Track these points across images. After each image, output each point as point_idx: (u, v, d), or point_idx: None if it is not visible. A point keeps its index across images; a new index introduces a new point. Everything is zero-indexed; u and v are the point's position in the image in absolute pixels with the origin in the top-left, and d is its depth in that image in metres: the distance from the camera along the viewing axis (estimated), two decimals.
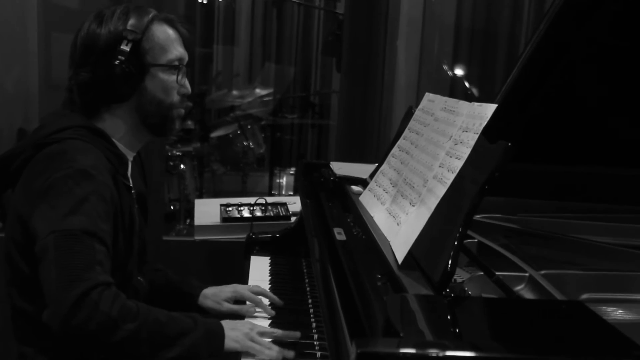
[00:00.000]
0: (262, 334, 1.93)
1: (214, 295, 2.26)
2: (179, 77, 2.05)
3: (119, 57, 1.95)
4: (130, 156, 2.09)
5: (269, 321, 2.11)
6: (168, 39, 2.04)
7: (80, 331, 1.70)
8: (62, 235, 1.75)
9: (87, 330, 1.70)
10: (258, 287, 2.28)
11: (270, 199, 3.32)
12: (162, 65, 2.02)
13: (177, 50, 2.05)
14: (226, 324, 1.92)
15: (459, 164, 1.71)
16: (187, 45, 2.10)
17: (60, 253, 1.73)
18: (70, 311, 1.68)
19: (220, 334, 1.88)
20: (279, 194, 6.33)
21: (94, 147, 1.93)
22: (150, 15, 2.03)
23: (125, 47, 1.95)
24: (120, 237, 1.94)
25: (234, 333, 1.89)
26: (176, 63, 2.05)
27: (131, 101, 2.02)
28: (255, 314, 2.15)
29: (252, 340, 1.89)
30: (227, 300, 2.24)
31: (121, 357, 1.89)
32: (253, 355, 1.88)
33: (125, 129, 2.05)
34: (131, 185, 2.06)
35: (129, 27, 1.97)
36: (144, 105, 2.02)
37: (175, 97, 2.06)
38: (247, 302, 2.22)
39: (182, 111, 2.10)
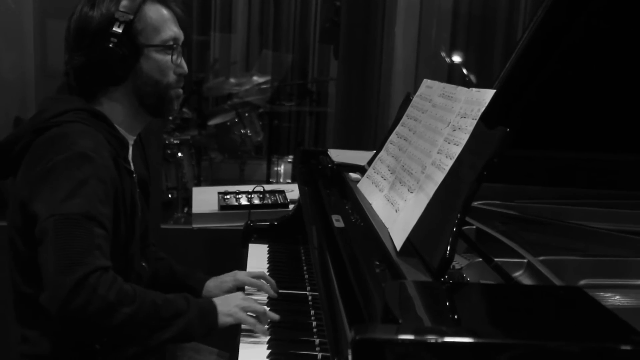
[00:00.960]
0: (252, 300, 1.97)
1: (216, 287, 2.25)
2: (174, 57, 2.03)
3: (112, 39, 1.94)
4: (130, 140, 2.08)
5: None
6: (161, 19, 2.02)
7: (78, 315, 1.71)
8: (61, 219, 1.75)
9: (85, 314, 1.71)
10: (257, 271, 2.28)
11: (268, 187, 3.32)
12: (156, 46, 2.00)
13: (171, 30, 2.03)
14: (218, 300, 1.94)
15: (457, 150, 1.71)
16: (182, 24, 2.08)
17: (60, 237, 1.74)
18: (69, 295, 1.69)
19: (213, 311, 1.90)
20: (277, 182, 6.34)
21: (94, 130, 1.92)
22: None
23: (118, 29, 1.94)
24: (121, 221, 1.94)
25: (226, 308, 1.91)
26: (171, 43, 2.02)
27: (127, 83, 2.00)
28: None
29: (245, 309, 1.92)
30: (230, 292, 2.22)
31: (119, 339, 1.91)
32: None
33: (124, 113, 2.04)
34: (133, 169, 2.06)
35: (120, 9, 1.95)
36: (141, 86, 2.01)
37: (172, 77, 2.04)
38: (246, 289, 2.22)
39: (180, 91, 2.09)
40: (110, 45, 1.93)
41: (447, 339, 1.19)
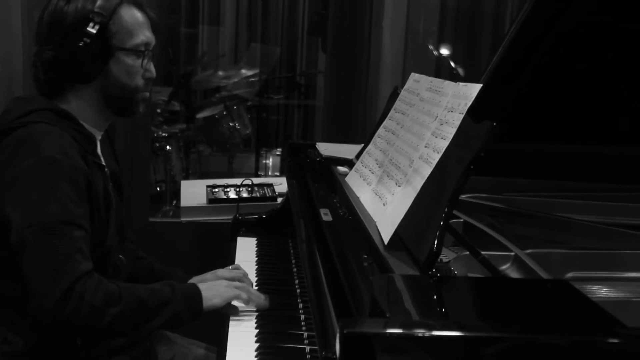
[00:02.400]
0: (237, 285, 2.01)
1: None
2: (144, 62, 2.02)
3: (84, 39, 1.92)
4: (97, 135, 2.06)
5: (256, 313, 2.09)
6: (136, 23, 2.00)
7: (67, 323, 1.74)
8: (39, 229, 1.76)
9: (75, 322, 1.74)
10: (237, 266, 2.25)
11: (256, 180, 3.32)
12: (128, 50, 1.99)
13: (144, 35, 2.02)
14: (202, 285, 1.97)
15: (444, 144, 1.71)
16: (155, 29, 2.07)
17: (40, 248, 1.75)
18: (57, 306, 1.71)
19: (197, 296, 1.92)
20: (266, 175, 6.33)
21: (59, 129, 1.90)
22: None
23: (92, 29, 1.92)
24: (95, 215, 1.93)
25: (210, 292, 1.94)
26: (142, 48, 2.01)
27: (95, 83, 1.99)
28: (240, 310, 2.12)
29: (232, 294, 1.96)
30: None
31: (107, 336, 1.92)
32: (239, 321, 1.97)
33: (90, 110, 2.02)
34: (103, 163, 2.04)
35: (96, 9, 1.93)
36: (108, 87, 2.00)
37: (140, 81, 2.03)
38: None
39: (147, 94, 2.08)
40: (82, 44, 1.92)
41: (435, 333, 1.19)
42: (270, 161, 6.52)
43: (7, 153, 1.86)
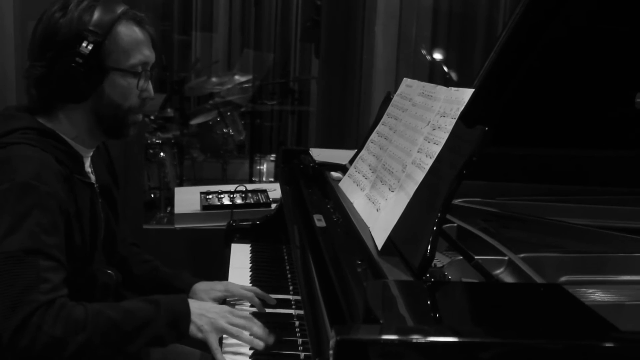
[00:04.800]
0: (234, 321, 1.87)
1: (205, 293, 2.17)
2: (141, 82, 1.93)
3: (77, 58, 1.83)
4: (86, 153, 1.99)
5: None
6: (133, 42, 1.91)
7: (27, 354, 1.67)
8: (3, 258, 1.69)
9: (33, 353, 1.67)
10: (253, 287, 2.20)
11: (250, 186, 3.32)
12: (124, 70, 1.90)
13: (142, 54, 1.93)
14: (194, 306, 1.85)
15: (437, 149, 1.71)
16: (155, 46, 1.98)
17: (2, 277, 1.68)
18: (13, 337, 1.65)
19: (185, 319, 1.82)
20: (260, 181, 6.34)
21: (41, 150, 1.82)
22: (118, 13, 1.90)
23: (85, 49, 1.83)
24: (77, 237, 1.86)
25: (199, 320, 1.83)
26: (139, 69, 1.92)
27: (88, 102, 1.90)
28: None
29: (219, 330, 1.84)
30: (216, 300, 2.15)
31: None
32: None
33: (80, 129, 1.94)
34: (92, 181, 1.98)
35: (91, 26, 1.84)
36: (101, 108, 1.92)
37: (135, 102, 1.95)
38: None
39: (140, 117, 2.00)
40: (74, 65, 1.83)
41: (429, 339, 1.19)
42: (264, 167, 6.55)
43: None
